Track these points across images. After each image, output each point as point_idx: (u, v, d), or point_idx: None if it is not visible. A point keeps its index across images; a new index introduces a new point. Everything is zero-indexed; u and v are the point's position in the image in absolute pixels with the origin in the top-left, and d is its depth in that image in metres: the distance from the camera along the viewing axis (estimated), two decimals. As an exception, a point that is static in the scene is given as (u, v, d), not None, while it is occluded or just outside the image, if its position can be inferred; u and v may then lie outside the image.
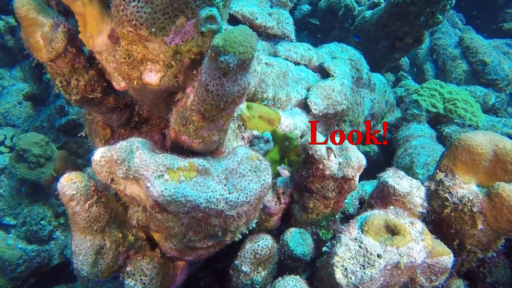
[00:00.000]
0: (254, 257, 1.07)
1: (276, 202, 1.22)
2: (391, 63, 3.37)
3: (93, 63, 1.12)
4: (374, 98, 2.25)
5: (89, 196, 0.96)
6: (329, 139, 1.12)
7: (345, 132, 1.94)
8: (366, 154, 2.56)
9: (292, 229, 1.15)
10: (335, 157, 1.08)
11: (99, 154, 0.85)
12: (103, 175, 0.86)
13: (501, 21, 4.24)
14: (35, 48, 1.00)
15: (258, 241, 1.08)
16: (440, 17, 2.72)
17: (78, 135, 1.43)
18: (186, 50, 0.84)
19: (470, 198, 1.08)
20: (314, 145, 1.08)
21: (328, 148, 1.08)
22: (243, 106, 1.31)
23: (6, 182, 2.78)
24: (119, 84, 1.09)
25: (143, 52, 0.85)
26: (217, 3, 0.79)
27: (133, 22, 0.77)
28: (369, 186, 1.57)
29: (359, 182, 1.79)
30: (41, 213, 2.63)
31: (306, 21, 3.70)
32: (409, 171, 1.61)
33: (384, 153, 2.58)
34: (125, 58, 0.88)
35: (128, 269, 1.02)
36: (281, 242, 1.14)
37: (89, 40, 0.97)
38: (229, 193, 0.86)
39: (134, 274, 1.01)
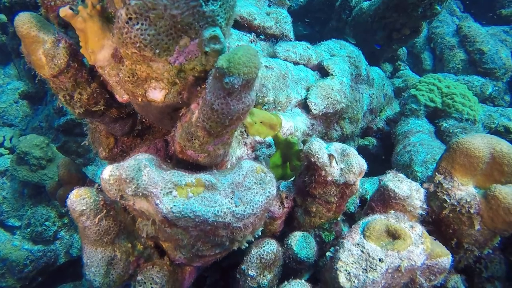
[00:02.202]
0: (260, 262, 1.11)
1: (279, 206, 1.25)
2: (388, 53, 3.36)
3: (95, 75, 1.12)
4: (373, 93, 2.26)
5: (98, 211, 0.98)
6: (331, 146, 1.14)
7: (344, 129, 1.96)
8: (364, 147, 2.60)
9: (296, 233, 1.19)
10: (337, 163, 1.11)
11: (108, 172, 0.87)
12: (112, 192, 0.88)
13: (499, 7, 4.20)
14: (38, 65, 1.00)
15: (264, 246, 1.12)
16: (438, 7, 2.71)
17: (82, 144, 1.44)
18: (190, 68, 0.85)
19: (468, 200, 1.11)
20: (316, 152, 1.10)
21: (330, 155, 1.10)
22: (244, 112, 1.32)
23: (9, 184, 2.80)
24: (122, 97, 1.09)
25: (147, 71, 0.86)
26: (219, 23, 0.80)
27: (137, 45, 0.78)
28: (369, 185, 1.61)
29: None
30: (45, 214, 2.66)
31: (306, 14, 3.65)
32: (408, 168, 1.65)
33: (383, 146, 2.62)
34: (129, 77, 0.89)
35: (139, 278, 1.06)
36: (285, 245, 1.18)
37: (91, 55, 0.97)
38: (236, 206, 0.89)
39: (145, 283, 1.05)
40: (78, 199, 0.95)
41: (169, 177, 0.86)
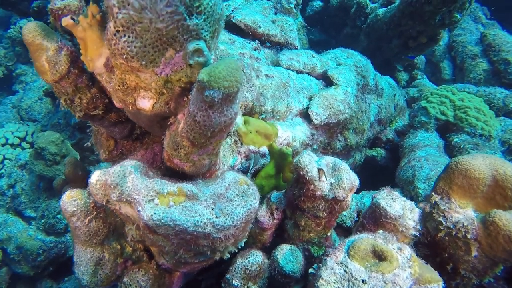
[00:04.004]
0: (245, 273, 1.11)
1: (269, 217, 1.25)
2: (404, 62, 3.26)
3: (95, 81, 1.17)
4: (381, 104, 2.20)
5: (88, 212, 1.02)
6: (322, 160, 1.12)
7: (349, 140, 1.92)
8: (372, 158, 2.53)
9: (284, 246, 1.17)
10: (326, 178, 1.09)
11: (95, 177, 0.90)
12: (98, 197, 0.91)
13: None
14: (41, 71, 1.05)
15: (249, 257, 1.11)
16: (458, 15, 2.60)
17: (85, 145, 1.50)
18: (176, 79, 0.87)
19: (465, 224, 1.06)
20: (305, 166, 1.09)
21: (320, 169, 1.09)
22: (240, 121, 1.33)
23: (27, 177, 2.95)
24: (119, 102, 1.13)
25: (136, 81, 0.88)
26: (204, 36, 0.81)
27: (125, 56, 0.80)
28: (368, 199, 1.56)
29: (359, 193, 1.79)
30: (58, 207, 2.79)
31: (321, 20, 3.61)
32: (410, 184, 1.59)
33: (392, 158, 2.54)
34: (119, 86, 0.92)
35: (125, 280, 1.08)
36: (272, 258, 1.17)
37: (89, 63, 1.01)
38: (216, 217, 0.89)
39: (130, 285, 1.07)
40: (70, 200, 0.99)
41: (152, 185, 0.88)
